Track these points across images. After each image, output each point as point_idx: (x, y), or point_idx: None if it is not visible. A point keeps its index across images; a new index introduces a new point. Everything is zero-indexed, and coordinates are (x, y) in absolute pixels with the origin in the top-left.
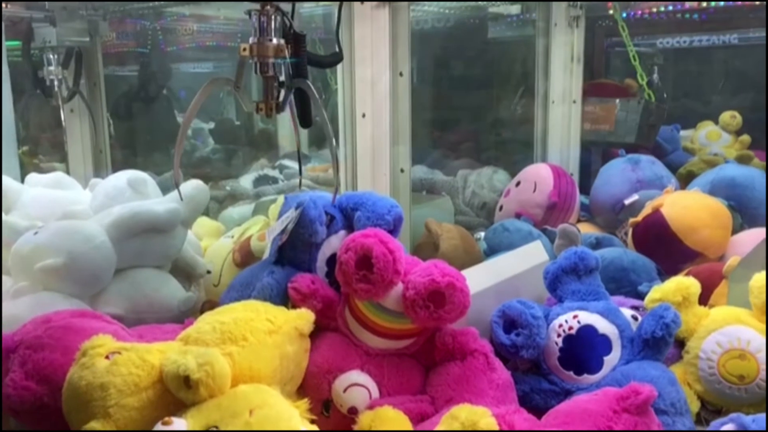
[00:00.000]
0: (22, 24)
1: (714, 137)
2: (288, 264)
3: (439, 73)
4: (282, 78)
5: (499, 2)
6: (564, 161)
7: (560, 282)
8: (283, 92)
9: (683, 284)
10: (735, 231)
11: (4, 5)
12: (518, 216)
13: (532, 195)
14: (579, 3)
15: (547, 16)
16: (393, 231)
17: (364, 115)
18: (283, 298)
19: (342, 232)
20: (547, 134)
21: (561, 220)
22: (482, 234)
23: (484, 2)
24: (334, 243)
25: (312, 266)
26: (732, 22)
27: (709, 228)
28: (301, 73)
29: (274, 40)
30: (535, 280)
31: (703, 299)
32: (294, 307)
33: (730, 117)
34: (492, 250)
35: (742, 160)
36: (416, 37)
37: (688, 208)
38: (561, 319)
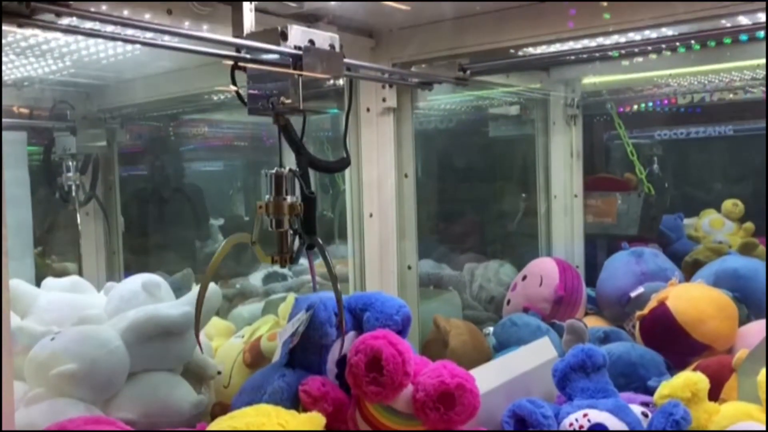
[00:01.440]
0: (45, 134)
1: (717, 225)
2: (298, 366)
3: (443, 170)
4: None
5: (499, 102)
6: (569, 254)
7: (569, 380)
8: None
9: (691, 380)
10: (742, 322)
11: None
12: (526, 310)
13: (538, 289)
14: (576, 103)
15: (545, 116)
16: (402, 331)
17: (371, 215)
18: (294, 401)
19: (351, 333)
20: (550, 228)
21: (569, 314)
22: (491, 329)
23: (486, 102)
24: (344, 344)
25: (322, 368)
26: (726, 114)
27: (715, 320)
28: (310, 228)
29: (289, 199)
30: (544, 377)
31: (714, 393)
32: (305, 410)
33: (732, 205)
34: (501, 345)
35: (746, 247)
36: (421, 136)
37: (693, 300)
38: (571, 418)
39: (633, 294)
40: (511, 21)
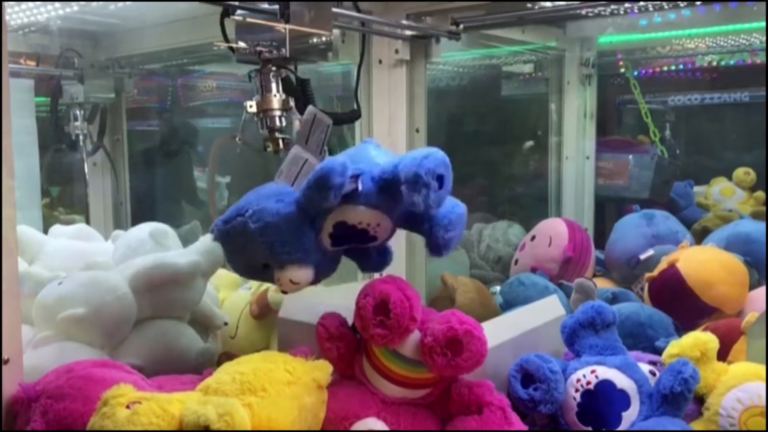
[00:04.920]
0: (52, 82)
1: (728, 193)
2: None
3: (454, 129)
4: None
5: (512, 61)
6: (578, 216)
7: (578, 336)
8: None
9: (701, 339)
10: (752, 287)
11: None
12: (534, 270)
13: (547, 249)
14: (591, 63)
15: (559, 74)
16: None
17: None
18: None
19: (362, 209)
20: (561, 189)
21: (576, 275)
22: (498, 288)
23: (499, 60)
24: (350, 214)
25: (318, 221)
26: (742, 80)
27: (725, 284)
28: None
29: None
30: (552, 335)
31: (722, 355)
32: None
33: (744, 173)
34: (508, 304)
35: (757, 216)
36: (432, 94)
37: (704, 263)
38: (579, 374)
39: (642, 256)
40: None
